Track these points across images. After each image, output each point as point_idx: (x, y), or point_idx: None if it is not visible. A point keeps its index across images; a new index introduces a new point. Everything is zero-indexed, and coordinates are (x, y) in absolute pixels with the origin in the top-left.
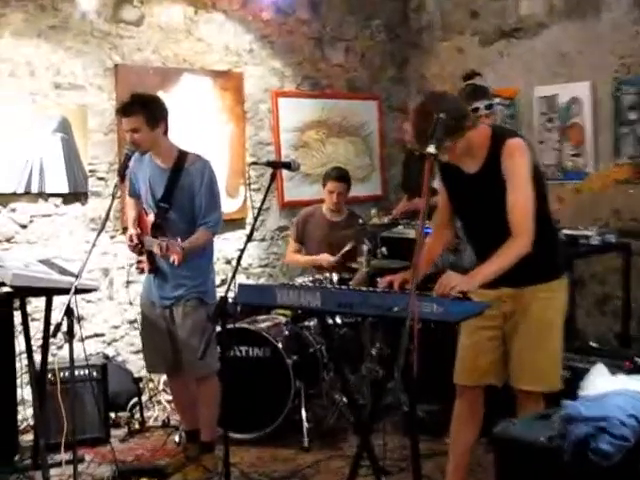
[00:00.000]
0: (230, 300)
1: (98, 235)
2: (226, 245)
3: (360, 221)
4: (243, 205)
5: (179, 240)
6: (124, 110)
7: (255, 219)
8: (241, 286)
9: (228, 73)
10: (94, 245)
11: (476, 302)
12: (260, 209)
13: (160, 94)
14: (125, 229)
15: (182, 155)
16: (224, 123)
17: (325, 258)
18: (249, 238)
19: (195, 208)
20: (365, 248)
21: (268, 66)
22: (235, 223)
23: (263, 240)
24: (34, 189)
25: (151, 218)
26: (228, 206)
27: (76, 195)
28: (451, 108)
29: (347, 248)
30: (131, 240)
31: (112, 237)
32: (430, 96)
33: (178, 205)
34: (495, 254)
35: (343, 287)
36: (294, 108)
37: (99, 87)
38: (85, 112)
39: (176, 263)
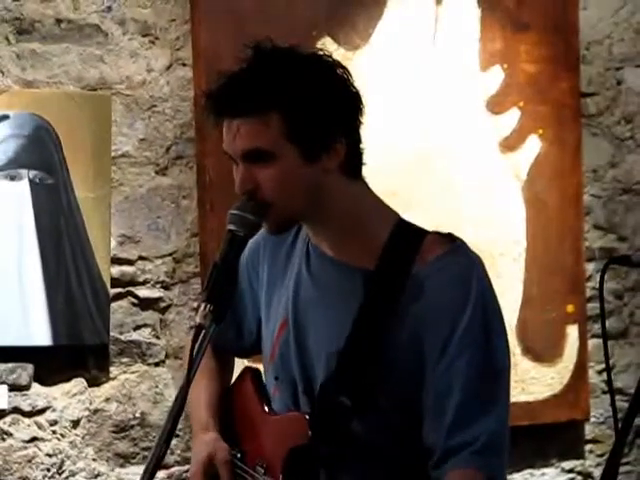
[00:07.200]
0: None
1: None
2: None
3: None
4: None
5: None
6: (232, 100)
7: None
8: None
9: None
10: None
11: None
12: None
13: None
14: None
15: (403, 236)
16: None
17: None
18: None
19: (432, 396)
20: None
21: None
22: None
23: None
24: None
25: (285, 419)
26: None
27: None
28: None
29: None
30: None
31: None
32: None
33: (387, 382)
34: None
35: None
36: None
37: None
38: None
39: None
